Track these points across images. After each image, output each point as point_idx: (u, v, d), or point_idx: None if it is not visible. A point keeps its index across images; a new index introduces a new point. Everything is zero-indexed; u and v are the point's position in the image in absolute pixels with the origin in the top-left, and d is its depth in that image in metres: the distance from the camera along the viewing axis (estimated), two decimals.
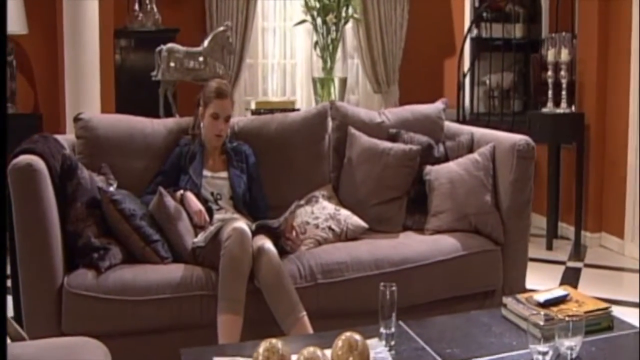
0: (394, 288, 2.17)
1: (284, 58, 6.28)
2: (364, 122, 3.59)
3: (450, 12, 6.61)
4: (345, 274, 2.97)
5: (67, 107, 4.56)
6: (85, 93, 4.58)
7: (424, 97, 6.27)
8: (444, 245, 3.16)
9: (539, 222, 5.22)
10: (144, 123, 3.41)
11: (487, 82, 6.69)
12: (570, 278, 4.34)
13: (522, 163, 3.21)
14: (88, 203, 2.88)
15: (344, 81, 3.91)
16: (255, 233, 2.92)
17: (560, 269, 4.56)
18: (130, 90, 4.96)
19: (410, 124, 3.62)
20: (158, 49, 3.74)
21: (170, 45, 3.74)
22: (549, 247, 4.95)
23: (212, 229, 2.93)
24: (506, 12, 6.75)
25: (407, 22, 6.36)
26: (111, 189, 3.06)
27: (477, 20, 6.60)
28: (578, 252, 4.90)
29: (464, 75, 5.93)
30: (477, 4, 6.61)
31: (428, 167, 3.45)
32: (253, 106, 3.91)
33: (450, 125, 3.77)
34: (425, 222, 3.36)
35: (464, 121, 5.90)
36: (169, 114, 3.80)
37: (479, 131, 3.57)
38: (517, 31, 6.14)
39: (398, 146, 3.43)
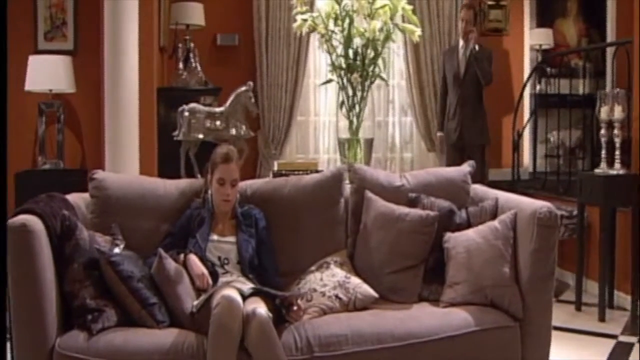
0: None
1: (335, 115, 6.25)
2: (383, 185, 3.45)
3: (508, 67, 6.43)
4: (344, 348, 2.81)
5: (107, 165, 4.63)
6: (124, 151, 4.65)
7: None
8: (456, 319, 2.95)
9: (591, 288, 4.87)
10: (156, 184, 3.41)
11: (552, 139, 6.43)
12: (620, 355, 3.98)
13: (544, 232, 2.98)
14: (86, 264, 2.87)
15: (370, 142, 3.79)
16: (250, 295, 2.82)
17: (611, 343, 4.19)
18: (173, 148, 5.01)
19: (433, 188, 3.46)
20: (180, 108, 3.77)
21: (192, 105, 3.75)
22: (602, 318, 4.59)
23: (205, 295, 2.86)
24: (571, 67, 6.52)
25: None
26: (117, 249, 3.05)
27: (539, 75, 6.40)
28: (635, 324, 4.50)
29: (519, 133, 5.69)
30: (539, 59, 6.42)
31: (448, 234, 3.26)
32: (276, 167, 3.84)
33: (478, 189, 3.58)
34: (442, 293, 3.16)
35: (518, 180, 5.66)
36: (190, 173, 3.79)
37: (504, 196, 3.36)
38: (582, 86, 5.90)
39: (415, 212, 3.27)
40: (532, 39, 6.48)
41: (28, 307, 2.73)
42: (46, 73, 4.92)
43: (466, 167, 3.57)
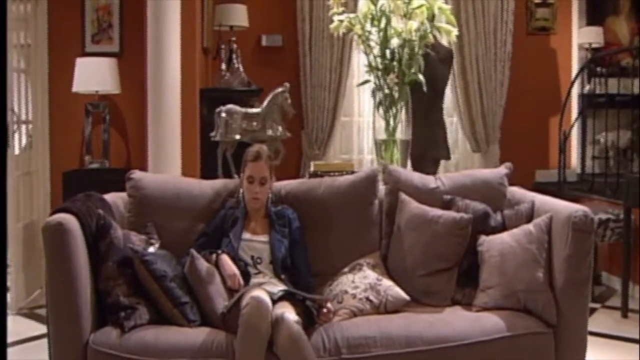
0: None
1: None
2: (417, 187, 3.42)
3: (555, 67, 6.29)
4: (373, 350, 2.80)
5: (150, 164, 4.71)
6: (167, 151, 4.73)
7: (527, 157, 6.07)
8: (487, 324, 2.90)
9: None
10: (191, 184, 3.46)
11: (602, 140, 6.26)
12: None
13: (579, 237, 2.91)
14: (120, 262, 2.93)
15: (406, 143, 3.75)
16: (279, 300, 2.83)
17: None
18: (215, 148, 5.07)
19: (468, 190, 3.41)
20: (217, 109, 3.80)
21: (229, 106, 3.79)
22: None
23: (235, 295, 2.88)
24: (621, 66, 6.33)
25: (509, 79, 6.14)
26: (151, 249, 3.10)
27: (589, 74, 6.24)
28: None
29: (565, 135, 5.55)
30: (588, 56, 6.25)
31: (482, 238, 3.21)
32: (312, 168, 3.84)
33: (515, 192, 3.51)
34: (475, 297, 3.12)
35: (564, 182, 5.54)
36: (227, 174, 3.83)
37: (540, 199, 3.29)
38: (633, 86, 5.72)
39: (448, 214, 3.23)
40: (581, 37, 6.32)
41: (64, 303, 2.81)
42: (93, 75, 5.04)
43: (503, 169, 3.51)
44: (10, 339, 4.27)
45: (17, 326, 4.56)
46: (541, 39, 6.30)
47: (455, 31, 3.79)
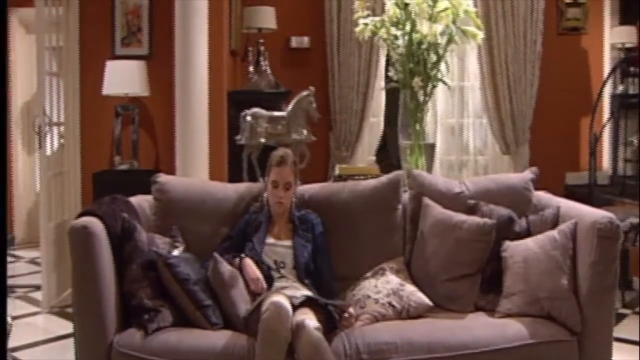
0: None
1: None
2: (441, 192, 3.40)
3: (587, 67, 6.20)
4: (394, 356, 2.79)
5: (177, 166, 4.75)
6: (194, 153, 4.76)
7: (557, 159, 6.00)
8: (510, 331, 2.88)
9: None
10: (216, 187, 3.49)
11: (635, 142, 6.17)
12: None
13: (604, 244, 2.87)
14: (144, 265, 2.97)
15: (432, 147, 3.74)
16: (300, 306, 2.84)
17: None
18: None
19: (493, 195, 3.38)
20: (243, 113, 3.83)
21: (254, 109, 3.81)
22: None
23: (257, 300, 2.90)
24: None
25: (539, 80, 6.07)
26: (176, 252, 3.14)
27: (622, 75, 6.15)
28: None
29: (596, 137, 5.47)
30: (621, 56, 6.16)
31: (506, 243, 3.18)
32: (337, 172, 3.85)
33: (542, 197, 3.47)
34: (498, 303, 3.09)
35: (595, 184, 5.46)
36: (253, 177, 3.85)
37: (566, 204, 3.25)
38: None
39: (472, 219, 3.21)
40: (614, 37, 6.22)
41: (89, 304, 2.86)
42: (122, 77, 5.10)
43: (528, 174, 3.47)
44: (41, 336, 4.40)
45: (49, 324, 4.66)
46: (572, 39, 6.21)
47: (480, 34, 3.76)
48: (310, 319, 2.75)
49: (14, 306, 5.10)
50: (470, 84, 6.31)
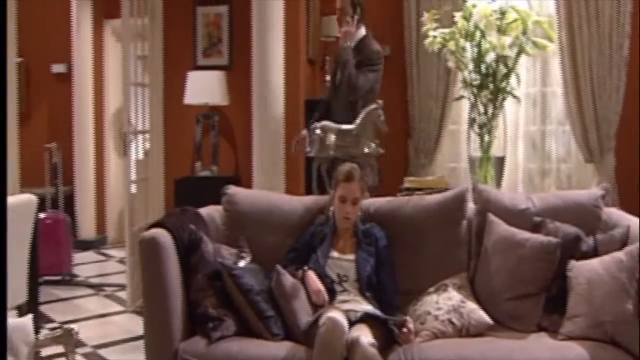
0: None
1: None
2: (507, 208, 3.36)
3: None
4: None
5: (254, 174, 4.89)
6: (271, 160, 4.89)
7: None
8: (570, 354, 2.81)
9: None
10: (283, 200, 3.58)
11: None
12: None
13: None
14: (210, 275, 3.09)
15: (501, 160, 3.69)
16: (357, 321, 2.89)
17: None
18: None
19: (560, 211, 3.31)
20: (312, 126, 3.90)
21: (324, 122, 3.87)
22: None
23: (316, 314, 2.97)
24: None
25: (625, 85, 5.83)
26: (242, 262, 3.25)
27: None
28: None
29: None
30: None
31: (572, 263, 3.11)
32: (406, 184, 3.86)
33: (613, 214, 3.37)
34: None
35: None
36: (322, 189, 3.92)
37: (637, 223, 3.14)
38: None
39: (536, 237, 3.16)
40: None
41: (157, 312, 3.01)
42: (203, 87, 5.29)
43: (598, 191, 3.38)
44: (123, 335, 4.63)
45: (131, 324, 4.88)
46: None
47: (551, 46, 3.68)
48: (365, 335, 2.79)
49: (102, 304, 5.39)
50: (552, 89, 6.14)
